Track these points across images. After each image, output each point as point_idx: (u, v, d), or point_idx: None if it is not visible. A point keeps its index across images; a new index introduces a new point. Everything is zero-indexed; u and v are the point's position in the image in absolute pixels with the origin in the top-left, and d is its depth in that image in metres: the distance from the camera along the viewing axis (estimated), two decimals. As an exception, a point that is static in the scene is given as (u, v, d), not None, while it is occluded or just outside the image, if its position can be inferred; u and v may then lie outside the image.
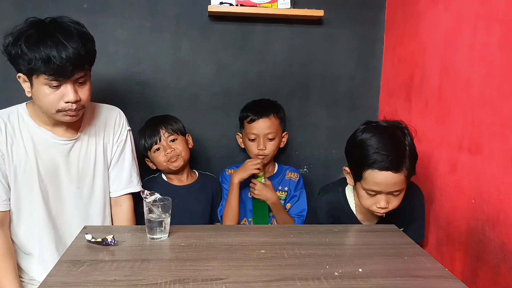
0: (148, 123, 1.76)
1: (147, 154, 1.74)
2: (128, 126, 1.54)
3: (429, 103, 1.56)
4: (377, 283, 0.98)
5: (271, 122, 1.75)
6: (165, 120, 1.74)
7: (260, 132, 1.74)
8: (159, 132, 1.70)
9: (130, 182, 1.52)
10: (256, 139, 1.75)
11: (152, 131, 1.71)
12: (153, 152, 1.71)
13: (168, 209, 1.19)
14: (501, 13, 1.19)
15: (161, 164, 1.71)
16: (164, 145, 1.70)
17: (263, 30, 1.92)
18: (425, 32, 1.60)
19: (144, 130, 1.73)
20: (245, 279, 0.97)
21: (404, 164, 1.26)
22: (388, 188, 1.27)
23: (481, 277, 1.25)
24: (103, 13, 1.82)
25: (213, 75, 1.92)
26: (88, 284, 0.94)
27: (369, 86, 2.01)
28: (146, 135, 1.72)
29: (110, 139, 1.48)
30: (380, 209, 1.30)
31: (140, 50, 1.87)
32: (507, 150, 1.15)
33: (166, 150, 1.69)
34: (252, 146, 1.76)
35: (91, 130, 1.44)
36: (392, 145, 1.27)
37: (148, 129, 1.73)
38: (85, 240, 1.13)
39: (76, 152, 1.41)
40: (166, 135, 1.70)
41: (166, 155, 1.69)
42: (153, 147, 1.70)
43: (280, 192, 1.79)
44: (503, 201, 1.16)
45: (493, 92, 1.21)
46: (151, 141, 1.70)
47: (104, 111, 1.50)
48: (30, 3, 1.78)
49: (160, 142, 1.70)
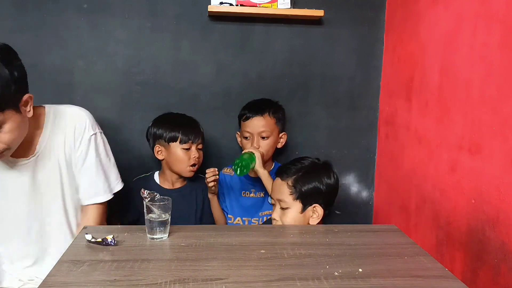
0: (182, 119, 1.73)
1: (160, 143, 1.71)
2: (93, 130, 1.41)
3: (429, 103, 1.56)
4: (377, 283, 0.98)
5: (265, 120, 1.74)
6: (197, 124, 1.74)
7: (253, 130, 1.74)
8: (198, 134, 1.69)
9: (96, 191, 1.42)
10: (249, 137, 1.74)
11: (192, 129, 1.69)
12: (179, 147, 1.67)
13: (168, 209, 1.19)
14: (501, 13, 1.19)
15: (180, 162, 1.68)
16: (194, 149, 1.68)
17: (263, 30, 1.92)
18: (425, 32, 1.60)
19: (177, 122, 1.70)
20: (245, 279, 0.97)
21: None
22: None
23: (481, 277, 1.25)
24: (103, 13, 1.82)
25: (213, 75, 1.92)
26: (88, 284, 0.94)
27: (369, 86, 2.01)
28: (179, 128, 1.67)
29: (72, 147, 1.38)
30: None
31: (140, 50, 1.87)
32: (507, 150, 1.15)
33: (195, 154, 1.68)
34: (246, 144, 1.76)
35: (50, 141, 1.36)
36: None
37: (183, 124, 1.69)
38: (85, 240, 1.13)
39: (38, 168, 1.35)
40: (199, 140, 1.70)
41: (193, 158, 1.67)
42: (184, 144, 1.67)
43: None
44: (503, 201, 1.16)
45: (493, 92, 1.21)
46: (186, 137, 1.66)
47: (65, 117, 1.39)
48: (30, 3, 1.78)
49: (193, 143, 1.68)
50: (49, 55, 1.82)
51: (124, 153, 1.91)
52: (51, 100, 1.83)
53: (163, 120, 1.75)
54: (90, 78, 1.85)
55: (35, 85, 1.81)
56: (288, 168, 1.44)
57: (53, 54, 1.82)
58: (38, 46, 1.81)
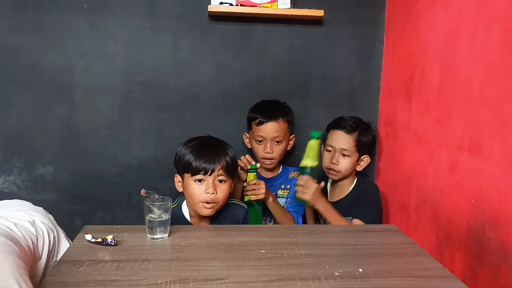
0: (203, 142, 1.42)
1: (178, 170, 1.44)
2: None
3: (429, 103, 1.56)
4: (377, 283, 0.98)
5: (279, 126, 1.74)
6: (223, 149, 1.40)
7: (267, 135, 1.73)
8: (215, 162, 1.34)
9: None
10: (263, 141, 1.74)
11: (210, 156, 1.36)
12: (192, 179, 1.36)
13: (168, 209, 1.19)
14: (501, 13, 1.19)
15: (193, 197, 1.37)
16: (210, 182, 1.35)
17: (263, 30, 1.92)
18: (425, 32, 1.60)
19: (198, 148, 1.39)
20: (245, 279, 0.97)
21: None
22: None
23: (481, 277, 1.25)
24: (103, 13, 1.82)
25: (213, 75, 1.92)
26: (88, 284, 0.94)
27: (369, 86, 2.01)
28: (195, 154, 1.37)
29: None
30: (332, 164, 1.71)
31: (140, 50, 1.87)
32: (507, 150, 1.15)
33: (209, 188, 1.34)
34: (259, 148, 1.75)
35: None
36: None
37: (202, 149, 1.38)
38: (85, 240, 1.13)
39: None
40: (219, 172, 1.36)
41: (207, 193, 1.34)
42: (196, 176, 1.35)
43: (282, 191, 1.80)
44: (503, 201, 1.16)
45: (493, 92, 1.21)
46: (199, 166, 1.34)
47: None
48: (30, 3, 1.78)
49: (208, 175, 1.35)
50: (49, 55, 1.82)
51: (124, 153, 1.92)
52: (51, 100, 1.85)
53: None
54: (90, 78, 1.85)
55: (35, 85, 1.83)
56: (350, 123, 1.74)
57: (53, 54, 1.82)
58: (38, 46, 1.81)
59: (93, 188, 1.92)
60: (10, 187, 1.88)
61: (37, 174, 1.88)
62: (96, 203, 1.93)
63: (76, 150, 1.89)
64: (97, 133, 1.89)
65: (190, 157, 1.36)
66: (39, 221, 1.22)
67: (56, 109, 1.86)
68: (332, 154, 1.73)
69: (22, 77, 1.82)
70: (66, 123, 1.87)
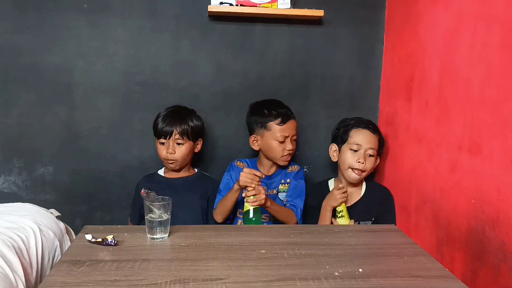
0: (169, 113, 1.75)
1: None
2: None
3: (429, 103, 1.56)
4: (377, 283, 0.98)
5: (295, 123, 1.80)
6: (183, 117, 1.74)
7: (290, 133, 1.76)
8: (171, 131, 1.72)
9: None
10: (285, 140, 1.76)
11: (167, 125, 1.72)
12: (158, 143, 1.75)
13: (168, 209, 1.19)
14: (501, 13, 1.19)
15: (160, 156, 1.77)
16: (170, 144, 1.72)
17: (263, 30, 1.92)
18: (425, 32, 1.60)
19: (165, 117, 1.74)
20: (245, 279, 0.97)
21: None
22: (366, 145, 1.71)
23: (481, 277, 1.25)
24: (103, 13, 1.82)
25: (213, 75, 1.92)
26: (88, 284, 0.94)
27: (369, 86, 2.01)
28: (162, 123, 1.73)
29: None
30: (360, 164, 1.69)
31: (140, 50, 1.87)
32: (507, 150, 1.15)
33: (168, 149, 1.72)
34: (279, 147, 1.74)
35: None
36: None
37: (166, 119, 1.73)
38: (85, 240, 1.13)
39: None
40: (176, 136, 1.72)
41: (167, 153, 1.73)
42: (160, 139, 1.74)
43: (283, 185, 1.81)
44: (503, 201, 1.16)
45: (493, 92, 1.21)
46: (161, 133, 1.72)
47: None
48: (30, 3, 1.78)
49: (167, 139, 1.72)
50: (49, 55, 1.82)
51: (124, 153, 1.92)
52: (51, 100, 1.85)
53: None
54: (90, 78, 1.85)
55: (35, 85, 1.83)
56: (371, 123, 1.77)
57: (53, 54, 1.82)
58: (38, 46, 1.81)
59: (93, 188, 1.92)
60: (10, 187, 1.88)
61: (37, 174, 1.88)
62: (96, 203, 1.93)
63: (76, 150, 1.89)
64: (97, 133, 1.89)
65: (157, 124, 1.74)
66: (37, 229, 1.28)
67: (56, 109, 1.86)
68: (359, 153, 1.71)
69: (22, 77, 1.82)
70: (66, 123, 1.87)
